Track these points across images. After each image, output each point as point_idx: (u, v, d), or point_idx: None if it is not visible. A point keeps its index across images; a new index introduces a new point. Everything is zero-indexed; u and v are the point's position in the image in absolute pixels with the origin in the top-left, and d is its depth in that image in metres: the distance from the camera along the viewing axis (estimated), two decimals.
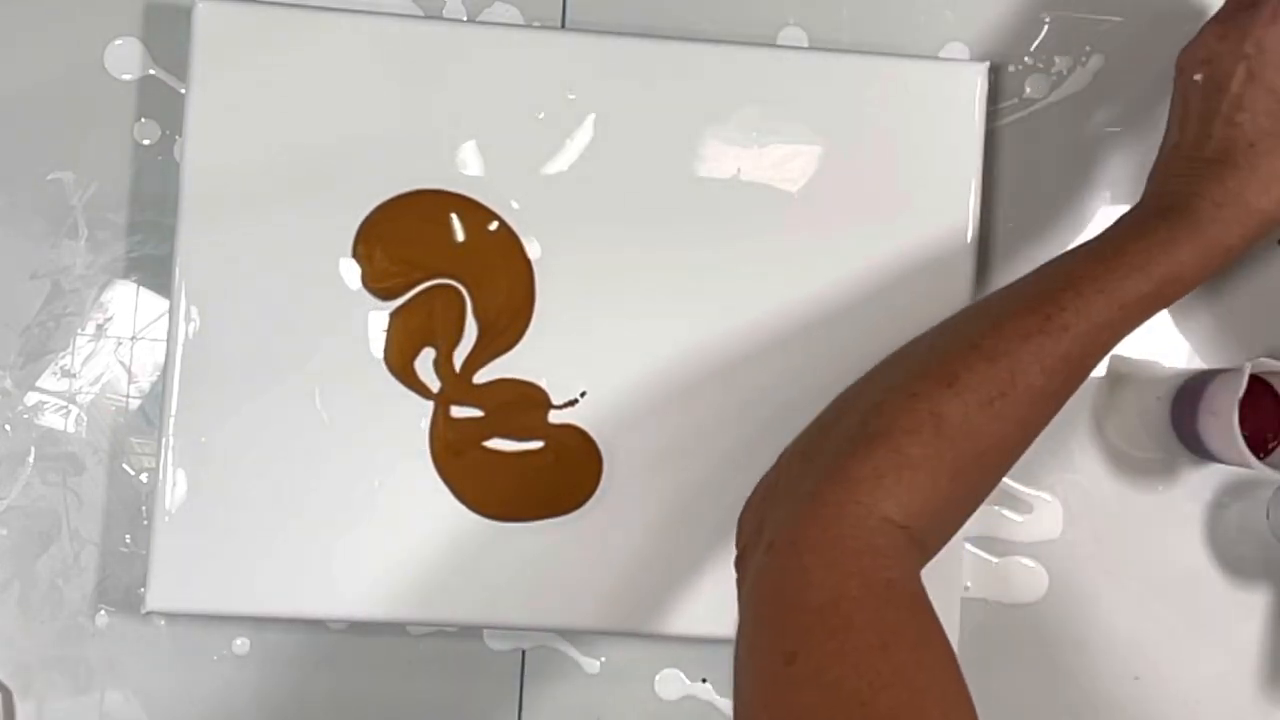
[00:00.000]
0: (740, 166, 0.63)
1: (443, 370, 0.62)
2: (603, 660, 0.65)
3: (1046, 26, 0.67)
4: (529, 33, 0.64)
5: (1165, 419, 0.67)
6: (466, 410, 0.62)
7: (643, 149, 0.63)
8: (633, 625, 0.62)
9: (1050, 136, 0.67)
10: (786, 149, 0.63)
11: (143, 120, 0.65)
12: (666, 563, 0.62)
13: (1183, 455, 0.67)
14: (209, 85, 0.61)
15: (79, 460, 0.64)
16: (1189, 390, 0.65)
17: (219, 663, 0.64)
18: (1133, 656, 0.66)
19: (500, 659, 0.65)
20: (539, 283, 0.63)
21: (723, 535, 0.61)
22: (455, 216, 0.63)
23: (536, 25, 0.66)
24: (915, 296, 0.63)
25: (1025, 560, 0.66)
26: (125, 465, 0.64)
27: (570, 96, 0.63)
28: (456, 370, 0.62)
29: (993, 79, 0.65)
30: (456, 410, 0.62)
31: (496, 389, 0.62)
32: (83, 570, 0.64)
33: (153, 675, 0.64)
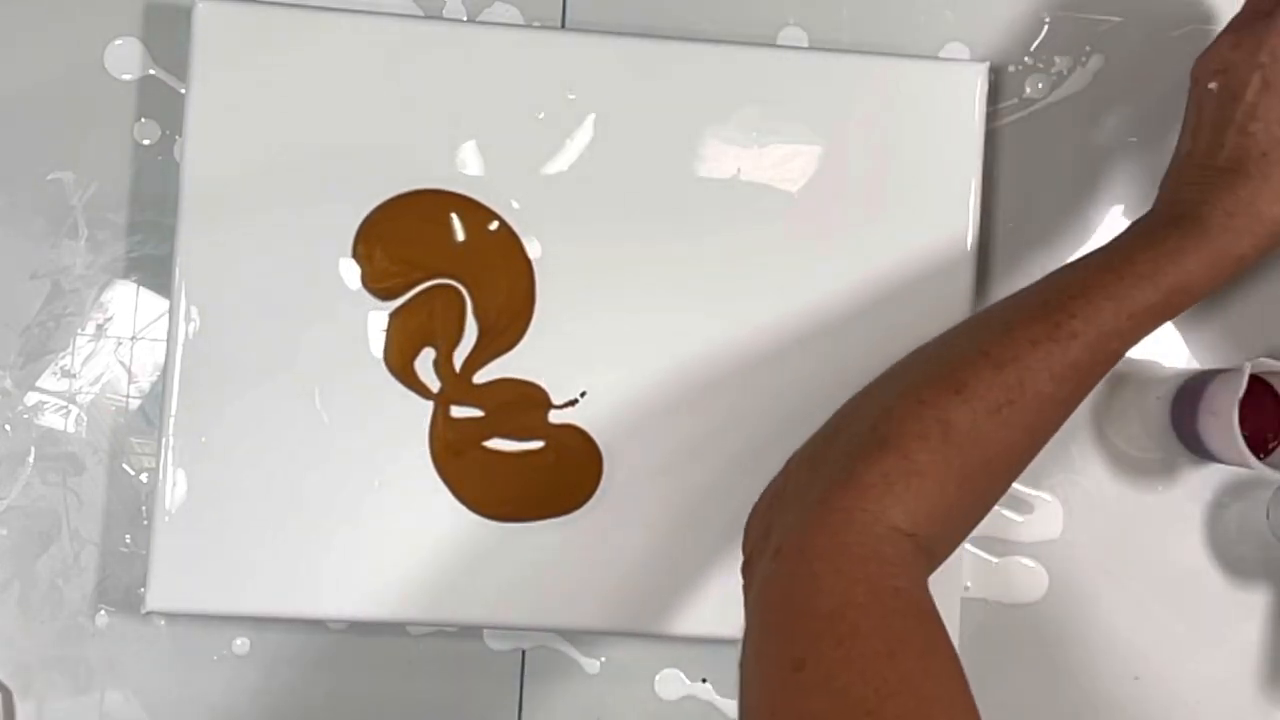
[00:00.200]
0: (740, 166, 0.63)
1: (443, 370, 0.62)
2: (603, 660, 0.65)
3: (1046, 26, 0.67)
4: (529, 33, 0.64)
5: (1165, 419, 0.67)
6: (466, 410, 0.62)
7: (643, 149, 0.63)
8: (633, 625, 0.62)
9: (1050, 137, 0.67)
10: (786, 149, 0.63)
11: (143, 120, 0.65)
12: (666, 563, 0.62)
13: (1183, 455, 0.67)
14: (209, 85, 0.61)
15: (79, 460, 0.64)
16: (1189, 390, 0.65)
17: (219, 663, 0.64)
18: (1133, 656, 0.66)
19: (500, 659, 0.65)
20: (539, 282, 0.62)
21: (723, 535, 0.61)
22: (455, 216, 0.63)
23: (536, 25, 0.66)
24: (915, 294, 0.63)
25: (1025, 560, 0.66)
26: (125, 465, 0.64)
27: (570, 96, 0.63)
28: (456, 370, 0.62)
29: (993, 79, 0.65)
30: (456, 410, 0.62)
31: (496, 389, 0.62)
32: (83, 570, 0.64)
33: (153, 675, 0.64)
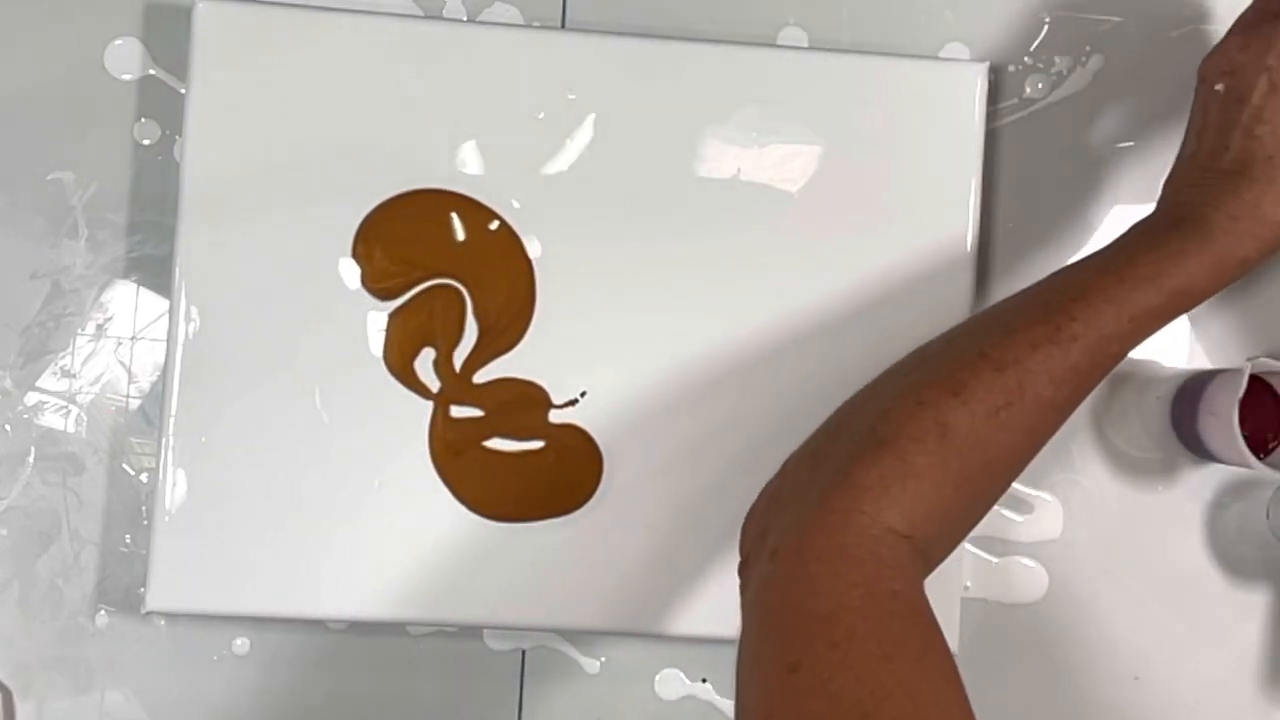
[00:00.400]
0: (740, 166, 0.63)
1: (443, 370, 0.62)
2: (603, 660, 0.65)
3: (1046, 26, 0.67)
4: (529, 33, 0.64)
5: (1165, 419, 0.67)
6: (466, 410, 0.62)
7: (643, 149, 0.63)
8: (633, 625, 0.62)
9: (1050, 136, 0.67)
10: (786, 149, 0.63)
11: (143, 120, 0.65)
12: (667, 563, 0.62)
13: (1183, 455, 0.67)
14: (209, 85, 0.61)
15: (79, 460, 0.64)
16: (1189, 390, 0.65)
17: (219, 663, 0.64)
18: (1133, 657, 0.66)
19: (500, 659, 0.65)
20: (539, 282, 0.62)
21: (723, 535, 0.61)
22: (455, 216, 0.63)
23: (536, 25, 0.66)
24: (915, 295, 0.63)
25: (1025, 560, 0.66)
26: (125, 465, 0.64)
27: (570, 96, 0.63)
28: (456, 370, 0.62)
29: (993, 79, 0.65)
30: (456, 410, 0.62)
31: (496, 389, 0.62)
32: (83, 570, 0.64)
33: (153, 675, 0.64)
